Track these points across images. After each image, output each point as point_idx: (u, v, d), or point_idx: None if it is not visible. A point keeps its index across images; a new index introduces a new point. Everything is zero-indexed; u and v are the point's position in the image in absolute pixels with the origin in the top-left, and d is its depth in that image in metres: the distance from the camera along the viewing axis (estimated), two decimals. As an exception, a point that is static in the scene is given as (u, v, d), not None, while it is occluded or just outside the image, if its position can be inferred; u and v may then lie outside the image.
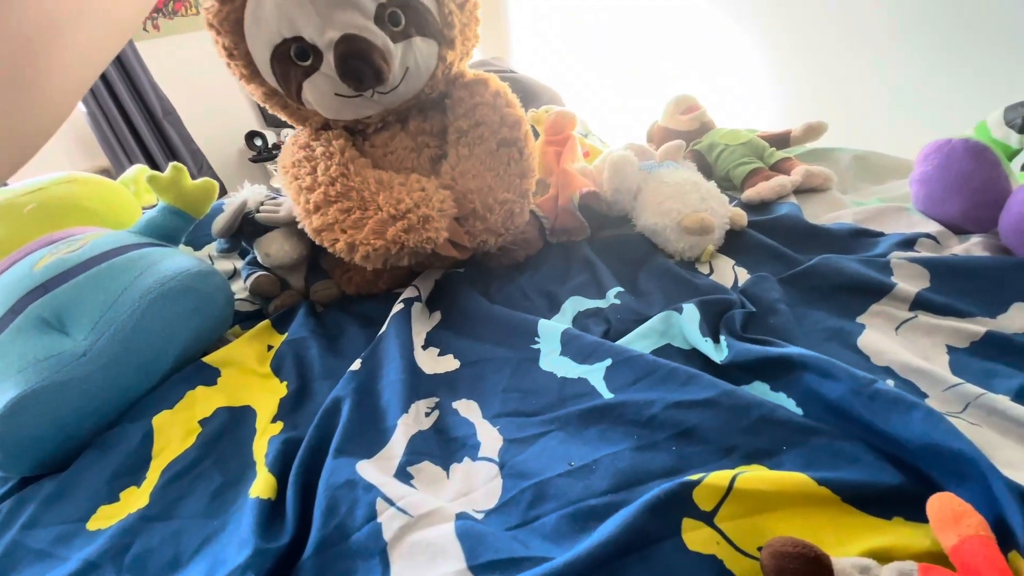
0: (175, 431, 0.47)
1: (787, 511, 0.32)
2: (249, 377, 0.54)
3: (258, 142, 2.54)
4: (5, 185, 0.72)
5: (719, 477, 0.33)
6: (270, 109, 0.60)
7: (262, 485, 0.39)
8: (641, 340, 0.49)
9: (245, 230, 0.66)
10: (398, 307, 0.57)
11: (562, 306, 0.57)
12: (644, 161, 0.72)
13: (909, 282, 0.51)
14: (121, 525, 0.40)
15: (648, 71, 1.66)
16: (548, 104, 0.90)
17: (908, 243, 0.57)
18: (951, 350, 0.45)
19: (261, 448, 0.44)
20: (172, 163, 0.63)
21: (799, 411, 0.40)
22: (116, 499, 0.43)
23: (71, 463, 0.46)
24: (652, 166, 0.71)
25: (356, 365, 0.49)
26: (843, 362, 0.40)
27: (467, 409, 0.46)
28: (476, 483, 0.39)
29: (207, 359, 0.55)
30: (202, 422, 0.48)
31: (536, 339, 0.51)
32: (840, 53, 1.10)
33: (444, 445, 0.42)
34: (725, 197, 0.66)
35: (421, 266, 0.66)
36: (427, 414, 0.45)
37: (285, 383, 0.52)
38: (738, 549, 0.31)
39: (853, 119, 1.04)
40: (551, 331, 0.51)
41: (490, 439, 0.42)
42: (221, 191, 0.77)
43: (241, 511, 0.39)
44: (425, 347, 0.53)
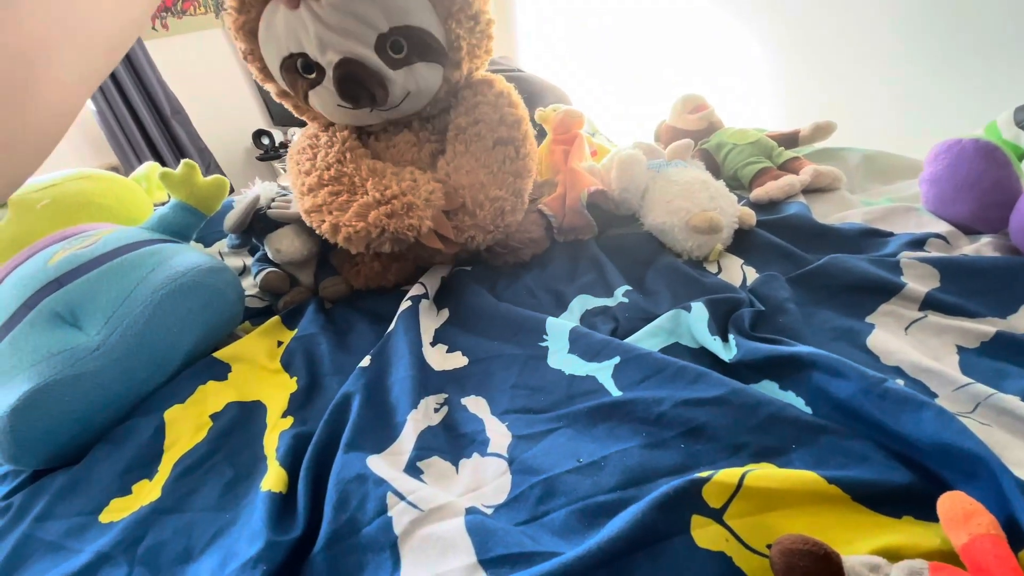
0: (187, 425, 0.48)
1: (797, 509, 0.32)
2: (259, 372, 0.54)
3: (265, 140, 2.55)
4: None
5: (728, 474, 0.33)
6: (285, 105, 0.63)
7: (273, 479, 0.40)
8: (649, 338, 0.49)
9: (256, 226, 0.66)
10: (406, 304, 0.57)
11: (570, 304, 0.57)
12: (652, 160, 0.72)
13: (919, 282, 0.51)
14: (134, 518, 0.40)
15: (655, 70, 1.66)
16: (555, 103, 0.90)
17: (918, 243, 0.57)
18: (961, 350, 0.44)
19: (272, 442, 0.45)
20: (184, 160, 0.64)
21: (808, 410, 0.40)
22: (128, 492, 0.43)
23: (83, 456, 0.47)
24: (660, 165, 0.71)
25: (366, 361, 0.50)
26: (853, 362, 0.40)
27: (476, 405, 0.46)
28: (485, 478, 0.39)
29: (218, 354, 0.55)
30: (213, 416, 0.49)
31: (544, 337, 0.51)
32: (849, 53, 1.10)
33: (453, 441, 0.43)
34: (734, 196, 0.66)
35: (422, 260, 0.67)
36: (436, 410, 0.46)
37: (295, 378, 0.52)
38: (747, 546, 0.31)
39: (862, 119, 1.04)
40: (559, 329, 0.51)
41: (499, 435, 0.42)
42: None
43: (252, 504, 0.39)
44: (434, 344, 0.54)
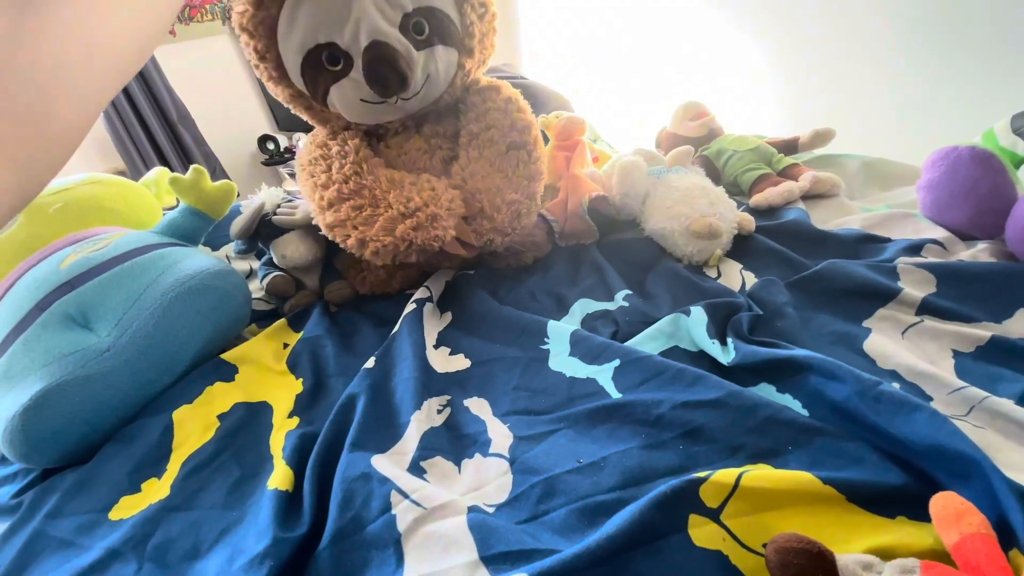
0: (194, 425, 0.49)
1: (792, 509, 0.33)
2: (266, 374, 0.55)
3: (270, 146, 2.58)
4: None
5: (725, 475, 0.33)
6: (293, 110, 0.62)
7: (280, 477, 0.40)
8: (649, 342, 0.50)
9: (262, 232, 0.68)
10: (410, 307, 0.58)
11: (571, 308, 0.58)
12: (653, 166, 0.73)
13: (916, 287, 0.52)
14: (143, 515, 0.41)
15: (656, 78, 1.67)
16: (558, 110, 0.91)
17: (915, 249, 0.57)
18: (957, 354, 0.45)
19: (278, 442, 0.46)
20: (193, 166, 0.65)
21: (805, 412, 0.41)
22: (138, 490, 0.44)
23: (93, 455, 0.48)
24: (661, 171, 0.72)
25: (370, 363, 0.51)
26: (849, 365, 0.40)
27: (478, 407, 0.47)
28: (487, 478, 0.39)
29: (225, 356, 0.56)
30: (220, 417, 0.50)
31: (545, 340, 0.52)
32: (849, 60, 1.11)
33: (456, 441, 0.43)
34: (733, 202, 0.67)
35: (430, 264, 0.67)
36: (439, 411, 0.46)
37: (301, 380, 0.53)
38: (744, 545, 0.31)
39: (861, 126, 1.04)
40: (560, 332, 0.51)
41: (500, 436, 0.43)
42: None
43: (259, 503, 0.40)
44: (437, 346, 0.54)
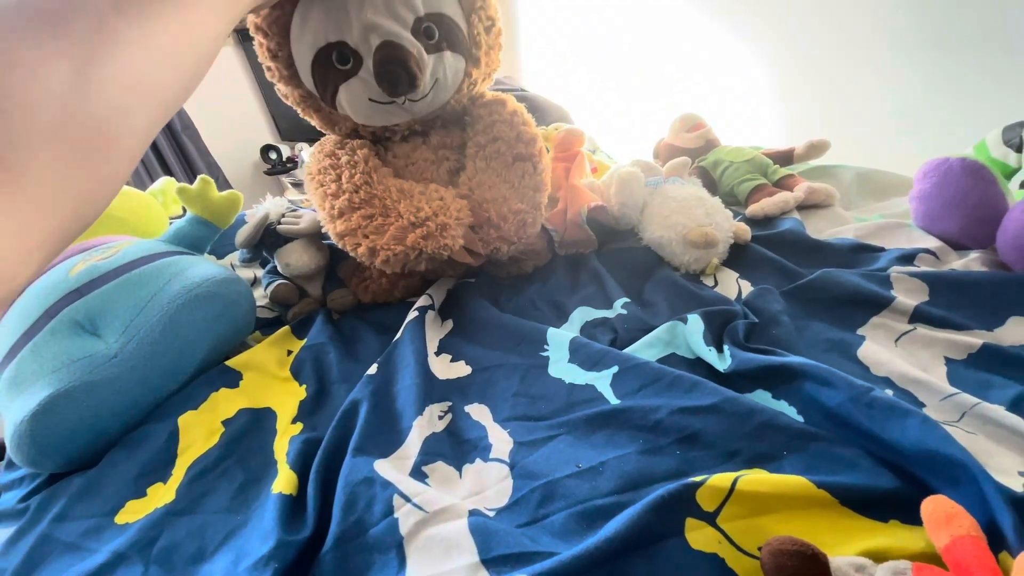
0: (199, 431, 0.49)
1: (787, 513, 0.33)
2: (270, 380, 0.56)
3: (273, 155, 2.60)
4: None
5: (721, 479, 0.34)
6: (302, 113, 0.63)
7: (284, 482, 0.41)
8: (647, 349, 0.51)
9: (266, 240, 0.69)
10: (412, 315, 0.59)
11: (570, 316, 0.59)
12: (650, 177, 0.75)
13: (909, 296, 0.53)
14: (148, 519, 0.42)
15: (653, 90, 1.70)
16: (557, 122, 0.93)
17: (908, 258, 0.58)
18: (949, 362, 0.46)
19: (282, 447, 0.46)
20: (200, 176, 0.67)
21: (800, 418, 0.41)
22: (143, 494, 0.45)
23: (99, 460, 0.48)
24: (658, 182, 0.73)
25: (373, 370, 0.51)
26: (843, 372, 0.41)
27: (479, 413, 0.47)
28: (488, 483, 0.40)
29: (230, 363, 0.57)
30: (225, 422, 0.50)
31: (545, 347, 0.53)
32: (843, 73, 1.13)
33: (457, 447, 0.44)
34: (729, 212, 0.68)
35: (434, 273, 0.68)
36: (440, 417, 0.47)
37: (304, 386, 0.54)
38: (739, 549, 0.32)
39: (856, 137, 1.06)
40: (560, 339, 0.52)
41: (501, 441, 0.44)
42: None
43: (263, 507, 0.41)
44: (438, 353, 0.55)
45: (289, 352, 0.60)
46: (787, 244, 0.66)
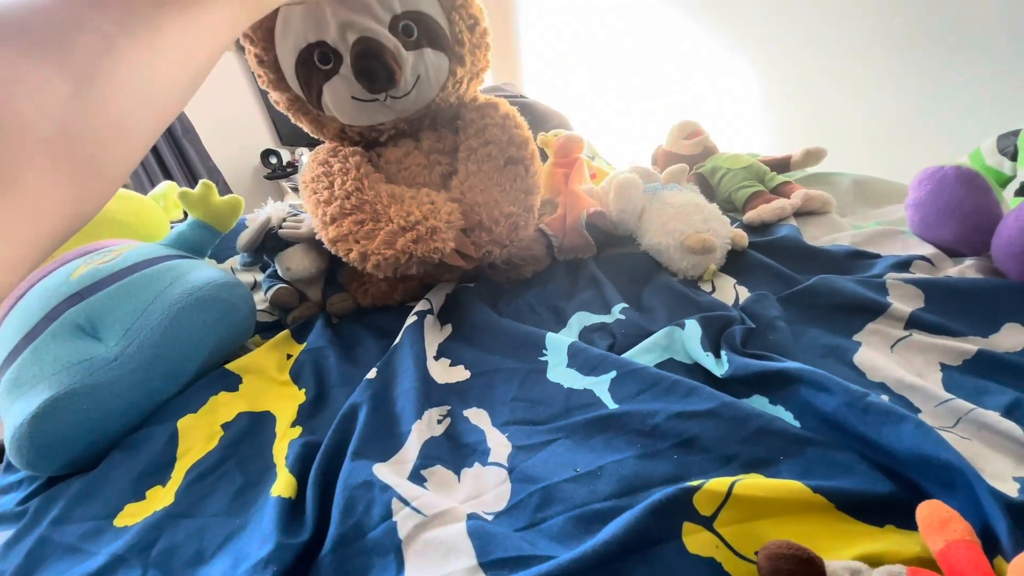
0: (199, 434, 0.50)
1: (783, 517, 0.34)
2: (269, 384, 0.56)
3: (273, 160, 2.61)
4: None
5: (718, 483, 0.34)
6: (293, 118, 0.64)
7: (283, 485, 0.41)
8: (645, 354, 0.51)
9: (267, 245, 0.69)
10: (411, 319, 0.59)
11: (569, 321, 0.59)
12: (649, 183, 0.75)
13: (904, 302, 0.53)
14: (147, 522, 0.42)
15: (652, 97, 1.71)
16: (557, 128, 0.94)
17: (904, 265, 0.59)
18: (944, 367, 0.46)
19: (281, 451, 0.46)
20: (202, 180, 0.67)
21: (796, 423, 0.42)
22: (142, 497, 0.45)
23: (98, 463, 0.48)
24: (656, 188, 0.74)
25: (372, 374, 0.52)
26: (839, 377, 0.42)
27: (477, 417, 0.48)
28: (486, 486, 0.40)
29: (229, 366, 0.57)
30: (224, 426, 0.50)
31: (544, 351, 0.53)
32: (840, 81, 1.14)
33: (455, 451, 0.44)
34: (727, 218, 0.69)
35: (430, 277, 0.69)
36: (439, 421, 0.47)
37: (303, 390, 0.54)
38: (736, 553, 0.32)
39: (852, 145, 1.07)
40: (558, 344, 0.53)
41: (499, 446, 0.44)
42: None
43: (262, 510, 0.41)
44: (437, 358, 0.56)
45: (289, 356, 0.61)
46: (784, 250, 0.66)
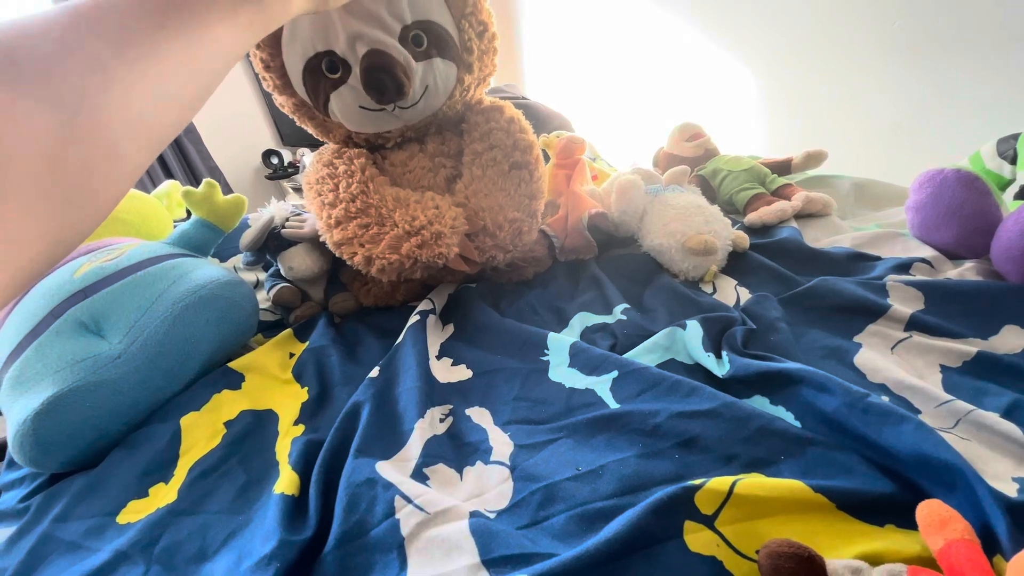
0: (202, 431, 0.50)
1: (784, 517, 0.34)
2: (272, 382, 0.56)
3: (274, 160, 2.61)
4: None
5: (720, 482, 0.34)
6: (298, 121, 0.64)
7: (286, 482, 0.41)
8: (646, 354, 0.52)
9: (270, 244, 0.69)
10: (414, 319, 0.59)
11: (570, 321, 0.60)
12: (650, 185, 0.76)
13: (905, 304, 0.53)
14: (150, 519, 0.42)
15: (654, 99, 1.71)
16: (558, 129, 0.94)
17: (904, 267, 0.59)
18: (944, 369, 0.46)
19: (284, 448, 0.47)
20: (206, 179, 0.67)
21: (797, 423, 0.42)
22: (145, 494, 0.45)
23: (101, 461, 0.49)
24: (658, 190, 0.74)
25: (374, 372, 0.52)
26: (840, 378, 0.42)
27: (479, 416, 0.48)
28: (488, 485, 0.40)
29: (232, 364, 0.57)
30: (227, 424, 0.51)
31: (546, 351, 0.53)
32: (841, 84, 1.14)
33: (458, 449, 0.44)
34: (728, 220, 0.69)
35: (433, 279, 0.69)
36: (441, 420, 0.48)
37: (306, 388, 0.54)
38: (737, 552, 0.32)
39: (852, 148, 1.07)
40: (560, 344, 0.53)
41: (501, 444, 0.44)
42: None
43: (265, 507, 0.41)
44: (439, 357, 0.56)
45: (291, 355, 0.61)
46: (785, 252, 0.67)
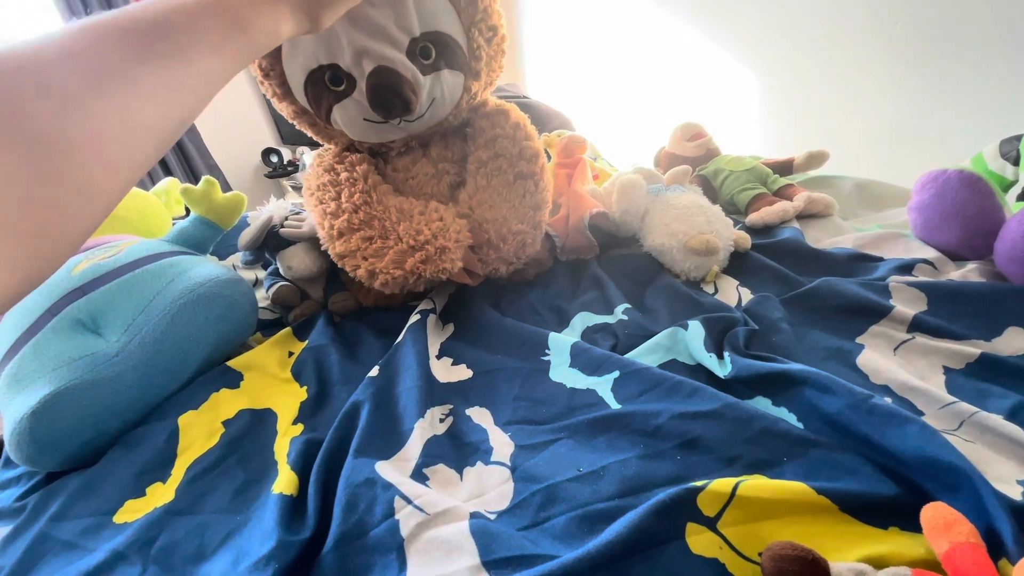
0: (200, 431, 0.49)
1: (787, 519, 0.34)
2: (270, 381, 0.56)
3: (274, 158, 2.61)
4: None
5: (722, 484, 0.34)
6: (298, 125, 0.62)
7: (284, 482, 0.41)
8: (648, 354, 0.51)
9: (269, 243, 0.69)
10: (414, 318, 0.59)
11: (571, 321, 0.59)
12: (652, 185, 0.75)
13: (907, 305, 0.53)
14: (147, 518, 0.41)
15: (655, 99, 1.71)
16: (560, 128, 0.94)
17: (906, 268, 0.59)
18: (947, 371, 0.46)
19: (283, 448, 0.46)
20: (205, 177, 0.67)
21: (800, 424, 0.42)
22: (143, 494, 0.45)
23: (98, 459, 0.48)
24: (659, 189, 0.74)
25: (374, 371, 0.51)
26: (842, 379, 0.42)
27: (480, 416, 0.47)
28: (489, 486, 0.40)
29: (231, 363, 0.57)
30: (225, 423, 0.50)
31: (546, 351, 0.53)
32: (843, 85, 1.14)
33: (458, 449, 0.44)
34: (729, 220, 0.69)
35: (433, 283, 0.68)
36: (441, 420, 0.47)
37: (305, 387, 0.54)
38: (740, 554, 0.32)
39: (854, 148, 1.07)
40: (561, 344, 0.53)
41: (502, 445, 0.44)
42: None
43: (263, 507, 0.41)
44: (439, 357, 0.55)
45: (290, 353, 0.60)
46: (787, 253, 0.66)
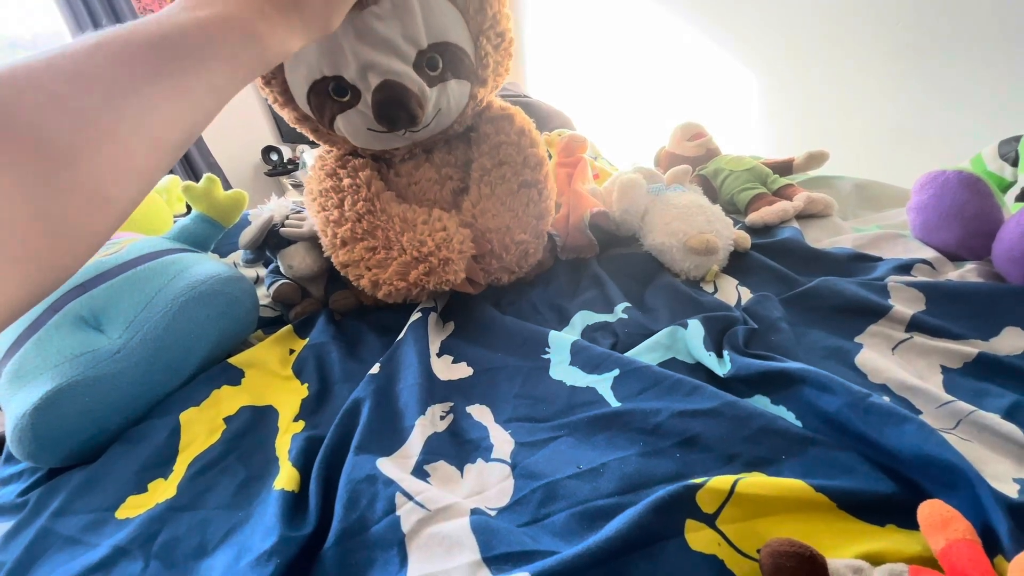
0: (201, 427, 0.50)
1: (786, 516, 0.34)
2: (272, 378, 0.56)
3: (274, 157, 2.61)
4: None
5: (721, 481, 0.34)
6: (299, 129, 0.61)
7: (286, 478, 0.41)
8: (648, 353, 0.51)
9: (270, 242, 0.69)
10: (415, 316, 0.59)
11: (571, 319, 0.60)
12: (652, 184, 0.76)
13: (906, 305, 0.53)
14: (149, 514, 0.42)
15: (655, 98, 1.71)
16: (560, 128, 0.94)
17: (905, 268, 0.59)
18: (945, 370, 0.46)
19: (284, 445, 0.46)
20: (206, 175, 0.67)
21: (798, 423, 0.42)
22: (144, 490, 0.45)
23: (99, 456, 0.48)
24: (660, 189, 0.74)
25: (375, 369, 0.52)
26: (841, 378, 0.42)
27: (480, 414, 0.48)
28: (489, 482, 0.40)
29: (232, 360, 0.57)
30: (227, 419, 0.50)
31: (547, 349, 0.53)
32: (843, 86, 1.14)
33: (458, 447, 0.44)
34: (729, 220, 0.69)
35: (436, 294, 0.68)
36: (442, 417, 0.47)
37: (306, 385, 0.54)
38: (738, 551, 0.32)
39: (854, 148, 1.08)
40: (561, 342, 0.53)
41: (502, 442, 0.44)
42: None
43: (265, 503, 0.41)
44: (440, 355, 0.56)
45: (291, 351, 0.61)
46: (786, 252, 0.67)
